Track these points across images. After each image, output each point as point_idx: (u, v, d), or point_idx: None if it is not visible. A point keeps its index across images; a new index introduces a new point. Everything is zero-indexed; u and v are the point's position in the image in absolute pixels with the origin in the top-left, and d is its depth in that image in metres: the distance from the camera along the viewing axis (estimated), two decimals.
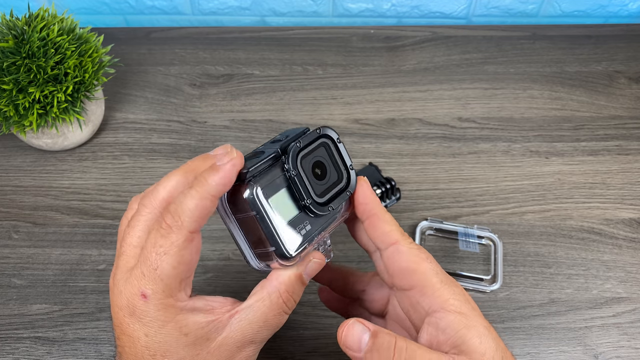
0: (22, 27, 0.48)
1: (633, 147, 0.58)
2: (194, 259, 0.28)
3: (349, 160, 0.32)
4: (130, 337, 0.28)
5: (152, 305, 0.27)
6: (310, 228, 0.30)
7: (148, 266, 0.27)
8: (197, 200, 0.27)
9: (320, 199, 0.30)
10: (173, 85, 0.64)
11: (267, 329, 0.30)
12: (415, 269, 0.30)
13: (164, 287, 0.27)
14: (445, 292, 0.30)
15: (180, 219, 0.27)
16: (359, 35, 0.70)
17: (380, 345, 0.28)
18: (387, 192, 0.52)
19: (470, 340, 0.28)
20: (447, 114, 0.61)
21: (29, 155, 0.56)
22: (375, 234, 0.32)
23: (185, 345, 0.28)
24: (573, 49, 0.68)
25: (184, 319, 0.28)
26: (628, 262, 0.49)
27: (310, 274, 0.31)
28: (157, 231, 0.27)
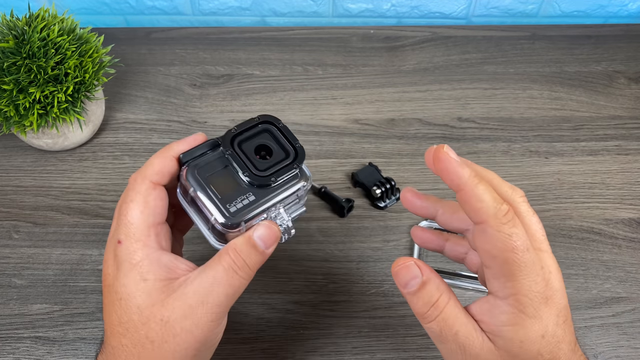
0: (22, 28, 0.48)
1: (632, 147, 0.58)
2: (158, 205, 0.32)
3: (295, 140, 0.35)
4: (108, 285, 0.31)
5: (124, 247, 0.31)
6: (253, 198, 0.33)
7: (120, 216, 0.32)
8: (159, 159, 0.33)
9: (263, 173, 0.33)
10: (173, 86, 0.64)
11: (218, 288, 0.30)
12: (496, 255, 0.28)
13: (134, 231, 0.31)
14: (518, 285, 0.28)
15: (144, 171, 0.32)
16: (359, 36, 0.70)
17: (424, 294, 0.30)
18: (387, 192, 0.52)
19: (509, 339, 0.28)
20: (446, 114, 0.61)
21: (30, 155, 0.57)
22: (466, 210, 0.29)
23: (144, 292, 0.30)
24: (573, 49, 0.68)
25: (147, 266, 0.31)
26: (627, 262, 0.49)
27: (262, 239, 0.32)
28: (127, 188, 0.33)
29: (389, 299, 0.47)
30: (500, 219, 0.28)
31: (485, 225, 0.28)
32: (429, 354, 0.44)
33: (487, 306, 0.29)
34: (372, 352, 0.44)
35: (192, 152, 0.34)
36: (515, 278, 0.28)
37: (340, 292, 0.47)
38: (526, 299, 0.28)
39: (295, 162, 0.34)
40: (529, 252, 0.28)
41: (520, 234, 0.28)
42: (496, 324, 0.28)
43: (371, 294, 0.47)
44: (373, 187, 0.52)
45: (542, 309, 0.28)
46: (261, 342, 0.44)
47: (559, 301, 0.29)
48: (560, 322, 0.29)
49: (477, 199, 0.28)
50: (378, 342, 0.45)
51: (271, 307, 0.46)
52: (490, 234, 0.28)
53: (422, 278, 0.30)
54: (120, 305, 0.30)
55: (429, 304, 0.29)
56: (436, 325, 0.29)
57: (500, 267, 0.28)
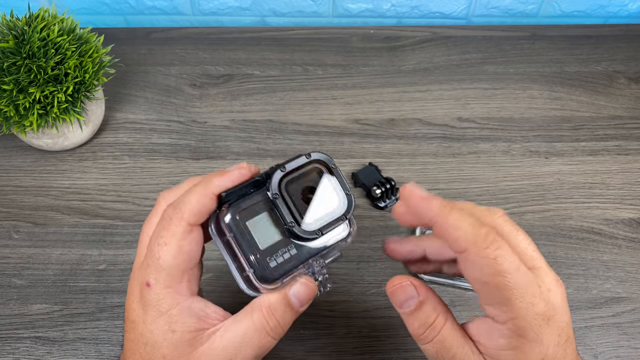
0: (22, 28, 0.48)
1: (633, 147, 0.58)
2: (193, 250, 0.29)
3: (346, 186, 0.32)
4: (133, 322, 0.30)
5: (154, 293, 0.29)
6: (295, 252, 0.30)
7: (152, 257, 0.29)
8: (199, 196, 0.29)
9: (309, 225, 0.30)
10: (173, 86, 0.64)
11: (248, 347, 0.29)
12: (485, 282, 0.27)
13: (165, 277, 0.29)
14: (515, 309, 0.26)
15: (181, 210, 0.29)
16: (359, 36, 0.70)
17: (421, 315, 0.29)
18: (387, 192, 0.52)
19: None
20: (446, 114, 0.61)
21: (30, 155, 0.57)
22: (445, 241, 0.28)
23: (171, 343, 0.29)
24: (573, 49, 0.68)
25: (176, 316, 0.29)
26: (628, 262, 0.49)
27: (299, 297, 0.30)
28: (160, 223, 0.30)
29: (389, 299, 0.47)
30: (481, 244, 0.26)
31: (467, 253, 0.27)
32: None
33: (485, 327, 0.28)
34: (372, 352, 0.44)
35: (235, 191, 0.30)
36: (511, 302, 0.26)
37: (340, 292, 0.47)
38: (525, 323, 0.26)
39: (345, 214, 0.31)
40: (519, 272, 0.26)
41: (506, 255, 0.26)
42: (495, 348, 0.27)
43: (371, 294, 0.47)
44: (373, 187, 0.52)
45: (542, 331, 0.26)
46: None
47: (560, 319, 0.27)
48: (562, 342, 0.27)
49: (453, 228, 0.27)
50: (378, 342, 0.45)
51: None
52: (474, 261, 0.27)
53: (419, 298, 0.29)
54: (146, 350, 0.29)
55: (425, 325, 0.29)
56: (432, 347, 0.29)
57: (493, 293, 0.27)
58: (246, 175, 0.30)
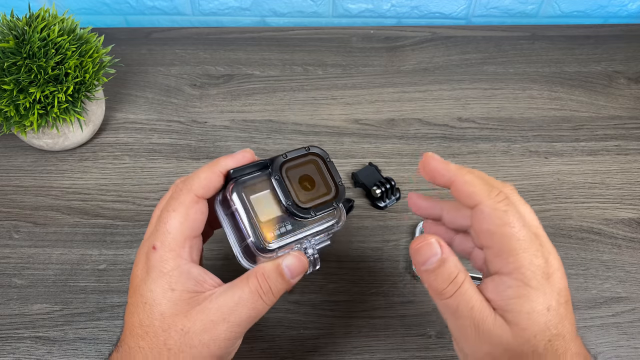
0: (22, 28, 0.48)
1: (632, 147, 0.58)
2: (198, 219, 0.33)
3: (339, 177, 0.36)
4: (135, 286, 0.32)
5: (159, 255, 0.31)
6: (290, 228, 0.34)
7: (160, 222, 0.32)
8: (207, 173, 0.33)
9: (304, 204, 0.34)
10: (173, 86, 0.64)
11: (241, 308, 0.31)
12: (494, 232, 0.30)
13: (170, 240, 0.31)
14: (520, 259, 0.29)
15: (190, 183, 0.33)
16: (359, 36, 0.70)
17: (443, 272, 0.30)
18: (387, 192, 0.52)
19: (517, 312, 0.29)
20: (446, 114, 0.61)
21: (30, 155, 0.57)
22: (461, 199, 0.31)
23: (170, 300, 0.31)
24: (572, 49, 0.68)
25: (176, 276, 0.31)
26: (627, 262, 0.49)
27: (290, 268, 0.33)
28: (170, 195, 0.33)
29: (389, 299, 0.47)
30: (494, 198, 0.30)
31: (481, 205, 0.30)
32: (428, 353, 0.44)
33: (492, 284, 0.30)
34: (372, 352, 0.44)
35: (242, 169, 0.34)
36: (516, 252, 0.29)
37: (340, 292, 0.47)
38: (529, 272, 0.29)
39: (335, 200, 0.35)
40: (525, 228, 0.29)
41: (514, 211, 0.30)
42: (503, 299, 0.29)
43: (371, 294, 0.47)
44: (373, 187, 0.52)
45: (544, 284, 0.29)
46: (261, 342, 0.44)
47: (559, 281, 0.30)
48: (562, 302, 0.29)
49: (468, 185, 0.30)
50: (378, 342, 0.45)
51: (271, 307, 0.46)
52: (486, 212, 0.30)
53: (442, 255, 0.30)
54: (144, 309, 0.31)
55: (448, 280, 0.30)
56: (454, 301, 0.30)
57: (500, 242, 0.29)
58: (250, 158, 0.34)
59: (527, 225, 0.30)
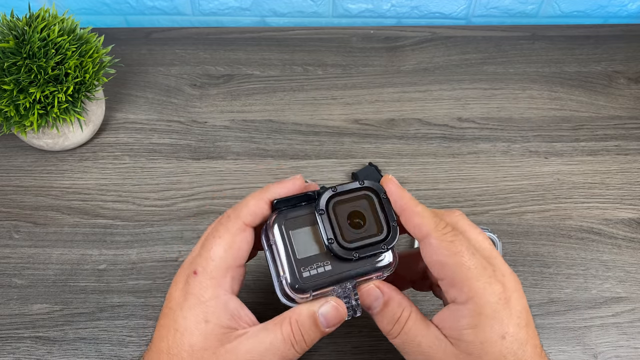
0: (22, 28, 0.48)
1: (632, 147, 0.58)
2: (243, 248, 0.32)
3: (393, 217, 0.32)
4: (170, 309, 0.31)
5: (199, 281, 0.31)
6: (330, 269, 0.31)
7: (204, 248, 0.31)
8: (256, 200, 0.32)
9: (348, 244, 0.31)
10: (173, 86, 0.64)
11: (271, 355, 0.30)
12: (445, 262, 0.30)
13: (212, 267, 0.31)
14: (474, 288, 0.29)
15: (239, 210, 0.32)
16: (359, 36, 0.70)
17: (387, 313, 0.31)
18: None
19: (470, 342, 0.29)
20: (446, 114, 0.61)
21: (30, 155, 0.57)
22: (409, 228, 0.31)
23: (202, 332, 0.30)
24: (572, 49, 0.68)
25: (213, 307, 0.30)
26: (627, 262, 0.49)
27: (327, 317, 0.31)
28: (218, 221, 0.33)
29: None
30: (441, 230, 0.30)
31: (429, 237, 0.30)
32: None
33: (448, 312, 0.30)
34: (372, 352, 0.44)
35: (286, 200, 0.32)
36: (469, 281, 0.29)
37: None
38: (483, 300, 0.29)
39: (384, 242, 0.32)
40: (475, 256, 0.29)
41: (462, 240, 0.30)
42: (457, 328, 0.29)
43: None
44: None
45: (500, 311, 0.29)
46: None
47: (517, 303, 0.29)
48: (522, 325, 0.29)
49: (418, 216, 0.31)
50: (378, 342, 0.45)
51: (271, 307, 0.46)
52: (434, 244, 0.30)
53: (384, 298, 0.31)
54: (175, 336, 0.30)
55: (392, 320, 0.31)
56: (399, 340, 0.31)
57: (452, 272, 0.29)
58: (300, 186, 0.33)
59: (478, 251, 0.30)
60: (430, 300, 0.47)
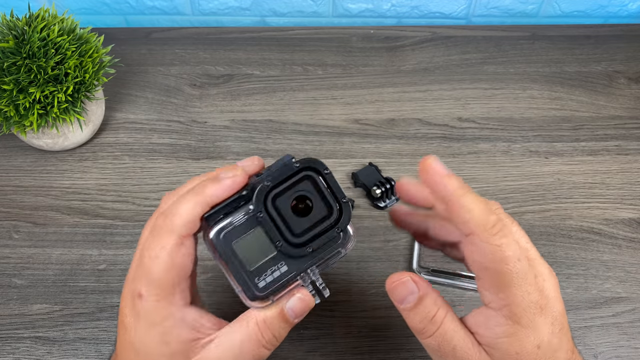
0: (22, 28, 0.48)
1: (632, 147, 0.58)
2: (185, 264, 0.28)
3: (342, 194, 0.29)
4: (125, 327, 0.29)
5: (146, 305, 0.28)
6: (286, 269, 0.29)
7: (143, 268, 0.28)
8: (190, 205, 0.28)
9: (299, 239, 0.29)
10: (173, 86, 0.64)
11: (243, 358, 0.29)
12: (486, 267, 0.28)
13: (157, 290, 0.28)
14: (512, 296, 0.27)
15: (171, 221, 0.28)
16: (359, 36, 0.70)
17: (421, 310, 0.29)
18: (387, 192, 0.52)
19: (505, 351, 0.27)
20: (446, 114, 0.61)
21: (30, 155, 0.57)
22: (454, 222, 0.28)
23: (163, 355, 0.28)
24: (573, 49, 0.68)
25: (169, 327, 0.28)
26: (627, 262, 0.49)
27: (295, 310, 0.29)
28: (151, 232, 0.28)
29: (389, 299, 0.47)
30: (489, 230, 0.27)
31: (473, 236, 0.27)
32: None
33: (482, 318, 0.29)
34: (372, 352, 0.44)
35: (218, 211, 0.28)
36: (509, 289, 0.27)
37: (340, 292, 0.47)
38: (520, 310, 0.27)
39: (337, 225, 0.29)
40: (520, 262, 0.27)
41: (510, 243, 0.27)
42: (492, 337, 0.28)
43: (371, 294, 0.47)
44: (373, 187, 0.52)
45: (536, 319, 0.27)
46: None
47: (553, 309, 0.28)
48: (556, 331, 0.28)
49: (464, 210, 0.27)
50: (378, 342, 0.45)
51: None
52: (480, 246, 0.27)
53: (419, 293, 0.29)
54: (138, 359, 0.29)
55: (426, 319, 0.29)
56: (434, 341, 0.29)
57: (492, 278, 0.27)
58: (240, 183, 0.29)
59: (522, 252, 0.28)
60: None
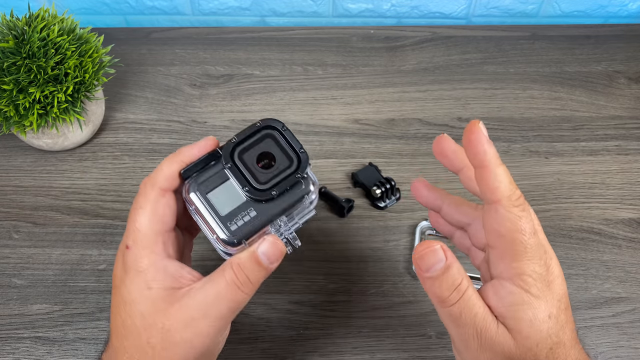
0: (22, 28, 0.48)
1: (632, 147, 0.58)
2: (166, 214, 0.32)
3: (299, 145, 0.33)
4: (116, 287, 0.32)
5: (132, 254, 0.31)
6: (255, 214, 0.33)
7: (130, 221, 0.32)
8: (169, 163, 0.33)
9: (263, 186, 0.33)
10: (173, 86, 0.64)
11: (220, 302, 0.30)
12: (504, 234, 0.29)
13: (141, 237, 0.31)
14: (523, 266, 0.29)
15: (154, 177, 0.32)
16: (359, 36, 0.70)
17: (446, 279, 0.29)
18: (387, 192, 0.52)
19: (519, 319, 0.29)
20: (446, 114, 0.61)
21: (30, 155, 0.57)
22: (482, 187, 0.30)
23: (147, 299, 0.30)
24: (573, 49, 0.68)
25: (152, 274, 0.31)
26: (627, 262, 0.49)
27: (267, 254, 0.31)
28: (138, 193, 0.33)
29: (389, 299, 0.47)
30: (513, 202, 0.29)
31: (498, 204, 0.29)
32: (429, 354, 0.44)
33: (493, 290, 0.30)
34: (372, 352, 0.44)
35: (193, 167, 0.33)
36: (521, 259, 0.29)
37: (340, 292, 0.47)
38: (531, 280, 0.29)
39: (297, 171, 0.33)
40: (534, 236, 0.29)
41: (529, 217, 0.29)
42: (504, 305, 0.29)
43: (371, 294, 0.47)
44: (373, 187, 0.52)
45: (545, 291, 0.29)
46: (261, 342, 0.44)
47: (559, 287, 0.29)
48: (562, 308, 0.29)
49: (495, 178, 0.29)
50: (378, 342, 0.45)
51: (271, 307, 0.46)
52: (501, 213, 0.29)
53: (447, 262, 0.30)
54: (125, 309, 0.31)
55: (452, 286, 0.29)
56: (457, 308, 0.29)
57: (507, 247, 0.29)
58: (212, 146, 0.33)
59: (537, 232, 0.30)
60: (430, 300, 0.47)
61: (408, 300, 0.47)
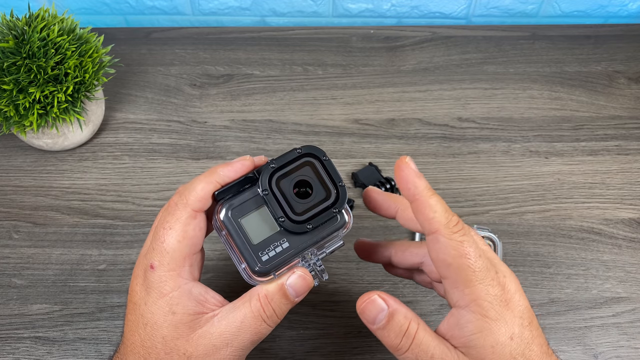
0: (22, 28, 0.48)
1: (632, 147, 0.58)
2: (197, 236, 0.31)
3: (339, 178, 0.32)
4: (135, 304, 0.31)
5: (157, 275, 0.30)
6: (287, 245, 0.31)
7: (157, 240, 0.31)
8: (203, 184, 0.31)
9: (299, 217, 0.31)
10: (173, 86, 0.64)
11: (244, 333, 0.30)
12: (450, 263, 0.29)
13: (169, 260, 0.30)
14: (477, 290, 0.28)
15: (186, 197, 0.31)
16: (359, 36, 0.70)
17: (393, 326, 0.29)
18: (388, 192, 0.52)
19: (481, 347, 0.28)
20: (446, 114, 0.61)
21: (30, 155, 0.57)
22: (420, 220, 0.30)
23: (171, 324, 0.30)
24: (573, 49, 0.68)
25: (177, 298, 0.30)
26: (627, 262, 0.49)
27: (295, 288, 0.31)
28: (166, 210, 0.31)
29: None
30: (451, 228, 0.29)
31: (438, 234, 0.29)
32: None
33: (453, 320, 0.30)
34: (372, 352, 0.44)
35: (228, 189, 0.31)
36: (472, 283, 0.28)
37: (340, 292, 0.47)
38: (486, 303, 0.28)
39: (335, 205, 0.32)
40: (481, 258, 0.29)
41: (471, 241, 0.29)
42: (465, 335, 0.29)
43: None
44: None
45: (504, 312, 0.28)
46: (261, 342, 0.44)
47: (518, 304, 0.29)
48: (526, 324, 0.29)
49: (430, 209, 0.29)
50: (378, 342, 0.44)
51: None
52: (443, 242, 0.29)
53: (389, 310, 0.30)
54: (146, 330, 0.30)
55: (400, 334, 0.29)
56: (411, 354, 0.29)
57: (456, 274, 0.29)
58: (249, 167, 0.32)
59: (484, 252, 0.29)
60: (430, 300, 0.47)
61: (408, 301, 0.47)
